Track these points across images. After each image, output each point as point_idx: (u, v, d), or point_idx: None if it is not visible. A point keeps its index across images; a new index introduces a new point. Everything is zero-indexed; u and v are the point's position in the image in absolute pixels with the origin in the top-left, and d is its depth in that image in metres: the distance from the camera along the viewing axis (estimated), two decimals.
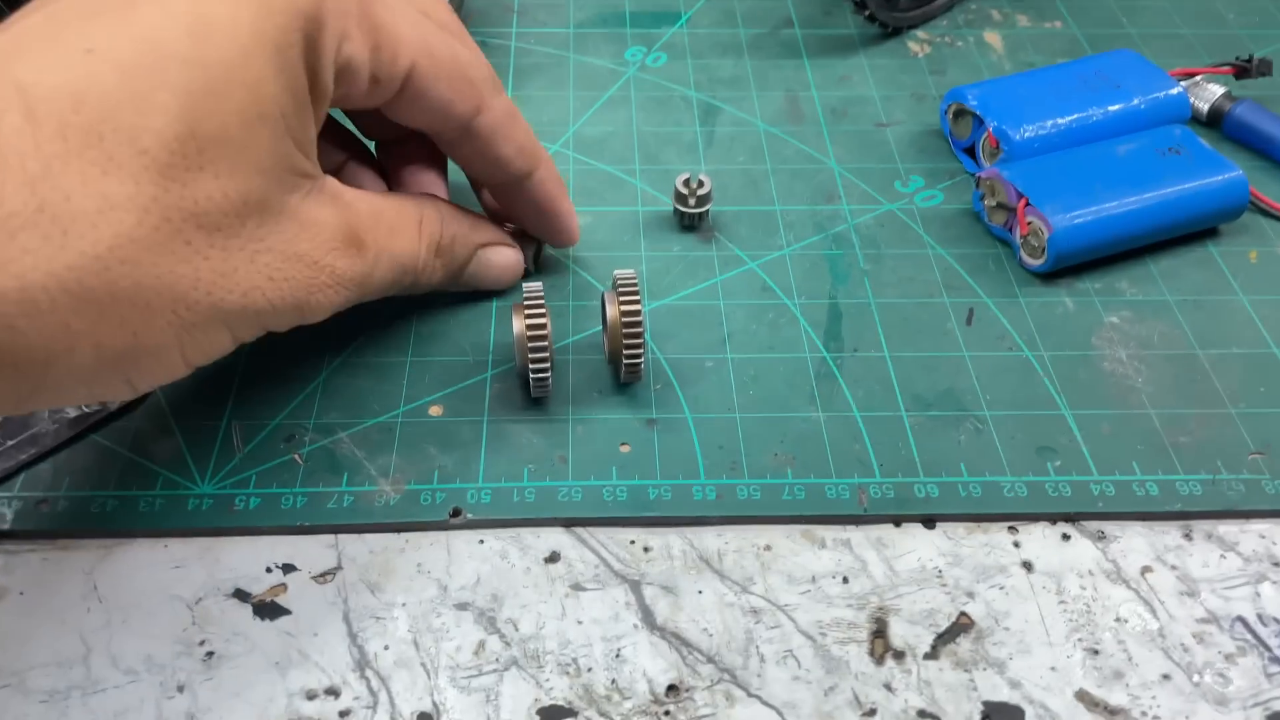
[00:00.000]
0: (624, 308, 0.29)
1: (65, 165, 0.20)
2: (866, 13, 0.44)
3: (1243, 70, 0.41)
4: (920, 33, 0.46)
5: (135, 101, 0.21)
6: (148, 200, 0.21)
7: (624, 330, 0.29)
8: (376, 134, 0.34)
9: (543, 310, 0.28)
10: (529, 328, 0.28)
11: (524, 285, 0.30)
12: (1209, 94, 0.41)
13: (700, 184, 0.36)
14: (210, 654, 0.25)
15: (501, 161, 0.30)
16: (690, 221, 0.36)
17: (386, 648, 0.25)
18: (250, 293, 0.24)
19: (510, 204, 0.33)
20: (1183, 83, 0.41)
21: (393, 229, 0.28)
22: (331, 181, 0.26)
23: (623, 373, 0.30)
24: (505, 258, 0.33)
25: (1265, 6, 0.49)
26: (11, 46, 0.21)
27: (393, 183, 0.34)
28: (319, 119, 0.25)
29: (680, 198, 0.36)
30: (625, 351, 0.29)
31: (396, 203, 0.29)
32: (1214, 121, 0.41)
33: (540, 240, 0.34)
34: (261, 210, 0.23)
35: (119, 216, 0.21)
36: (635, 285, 0.29)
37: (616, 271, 0.30)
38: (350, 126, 0.34)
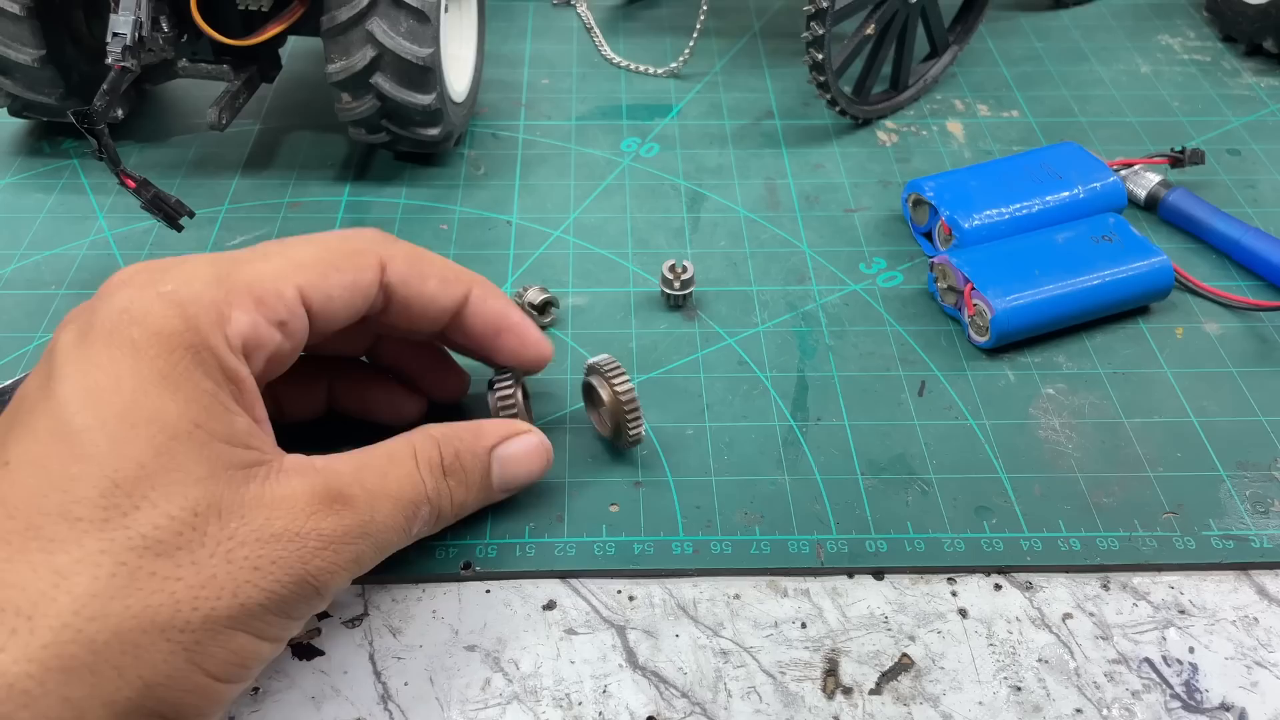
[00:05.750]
0: (617, 388, 0.33)
1: (13, 564, 0.22)
2: (838, 108, 0.48)
3: (1177, 160, 0.46)
4: (889, 123, 0.51)
5: (56, 485, 0.23)
6: (96, 555, 0.22)
7: (623, 405, 0.33)
8: (347, 351, 0.35)
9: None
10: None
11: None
12: (1146, 181, 0.45)
13: (684, 269, 0.40)
14: (257, 689, 0.29)
15: (432, 299, 0.31)
16: (675, 302, 0.41)
17: (406, 684, 0.30)
18: (241, 589, 0.24)
19: (475, 347, 0.33)
20: (1122, 171, 0.46)
21: (383, 471, 0.28)
22: (293, 458, 0.27)
23: (626, 441, 0.34)
24: (524, 446, 0.32)
25: (1208, 94, 0.53)
26: None
27: (413, 376, 0.35)
28: (249, 403, 0.26)
29: (666, 281, 0.40)
30: (627, 421, 0.33)
31: (385, 446, 0.29)
32: (1151, 206, 0.45)
33: (549, 297, 0.35)
34: (217, 512, 0.24)
35: (73, 582, 0.22)
36: (619, 366, 0.33)
37: (593, 359, 0.34)
38: None
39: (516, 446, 0.32)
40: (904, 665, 0.30)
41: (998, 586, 0.32)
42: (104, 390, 0.24)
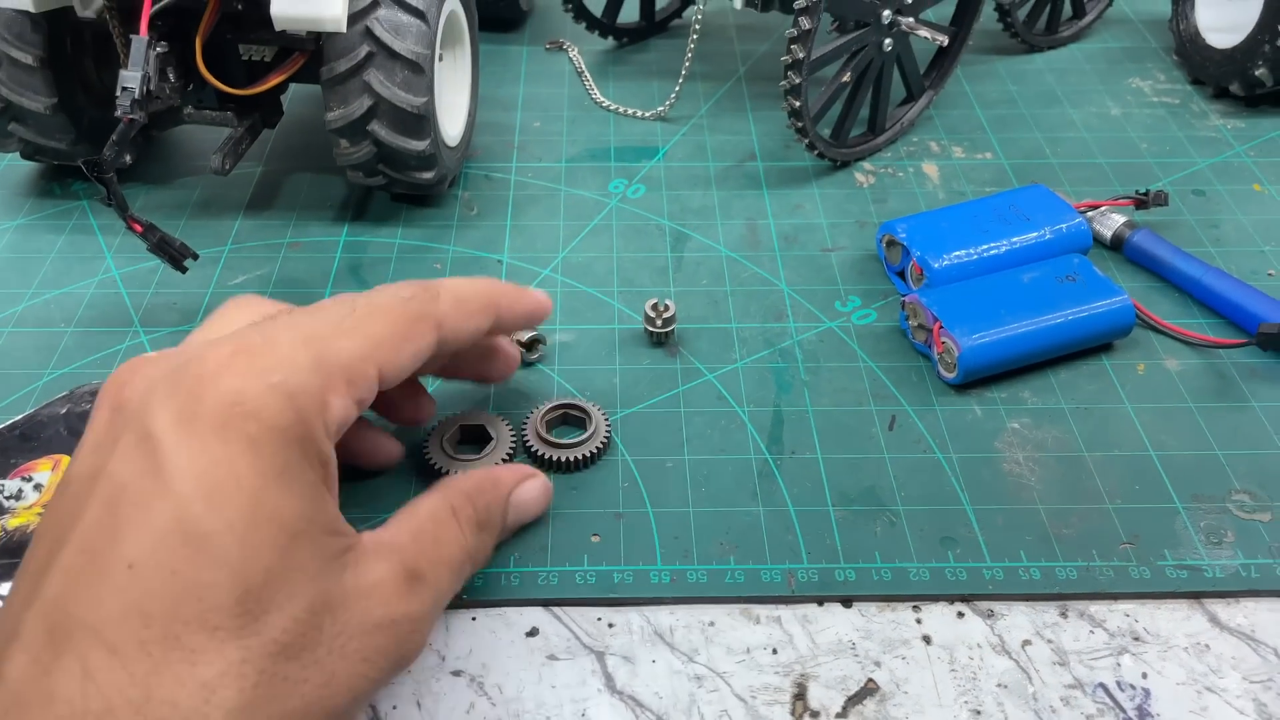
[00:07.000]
0: None
1: (159, 677, 0.22)
2: (816, 152, 0.50)
3: (1141, 202, 0.47)
4: (867, 164, 0.53)
5: (192, 592, 0.22)
6: (239, 666, 0.22)
7: None
8: None
9: None
10: None
11: None
12: (1112, 222, 0.47)
13: (666, 307, 0.42)
14: None
15: (464, 341, 0.32)
16: (658, 339, 0.43)
17: (395, 708, 0.31)
18: (355, 682, 0.25)
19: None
20: (1089, 213, 0.48)
21: (436, 538, 0.29)
22: (365, 537, 0.27)
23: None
24: (534, 490, 0.34)
25: (1175, 136, 0.55)
26: (62, 589, 0.23)
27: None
28: (331, 484, 0.26)
29: (649, 319, 0.42)
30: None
31: (424, 507, 0.30)
32: (1116, 246, 0.47)
33: (536, 334, 0.40)
34: (329, 608, 0.24)
35: (222, 696, 0.22)
36: None
37: None
38: None
39: (527, 491, 0.34)
40: (869, 690, 0.32)
41: (960, 614, 0.34)
42: (226, 489, 0.23)
